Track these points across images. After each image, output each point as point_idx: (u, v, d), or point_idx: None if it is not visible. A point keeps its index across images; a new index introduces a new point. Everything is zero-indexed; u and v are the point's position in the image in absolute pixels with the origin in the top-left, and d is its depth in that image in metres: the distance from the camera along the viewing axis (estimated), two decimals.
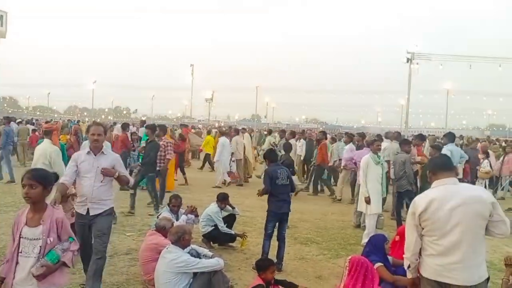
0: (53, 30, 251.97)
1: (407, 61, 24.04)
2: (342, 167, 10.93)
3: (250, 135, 16.18)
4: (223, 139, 12.88)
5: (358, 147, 10.67)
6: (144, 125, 12.09)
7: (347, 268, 4.26)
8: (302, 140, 14.05)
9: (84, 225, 4.49)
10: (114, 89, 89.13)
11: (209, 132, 16.91)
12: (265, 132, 21.45)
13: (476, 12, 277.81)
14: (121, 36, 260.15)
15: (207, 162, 16.16)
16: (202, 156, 17.38)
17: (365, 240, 6.95)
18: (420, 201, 3.10)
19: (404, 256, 3.24)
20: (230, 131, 14.39)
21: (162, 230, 5.11)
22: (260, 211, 9.11)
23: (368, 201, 7.19)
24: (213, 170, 14.53)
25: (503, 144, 15.56)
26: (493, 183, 12.12)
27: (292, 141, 12.88)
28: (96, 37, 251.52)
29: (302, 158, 13.53)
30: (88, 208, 4.42)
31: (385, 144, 9.72)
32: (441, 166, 3.13)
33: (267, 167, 6.34)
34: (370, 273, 4.00)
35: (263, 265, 4.39)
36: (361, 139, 11.62)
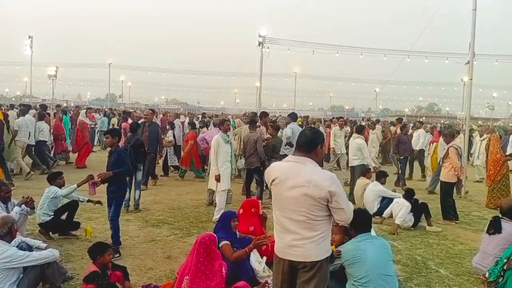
0: None
1: (259, 45, 25.16)
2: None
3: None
4: None
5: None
6: None
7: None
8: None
9: None
10: None
11: None
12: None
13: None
14: None
15: None
16: None
17: (216, 216, 7.18)
18: (271, 169, 3.17)
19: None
20: None
21: None
22: None
23: (218, 178, 7.40)
24: None
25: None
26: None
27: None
28: None
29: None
30: None
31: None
32: (299, 143, 3.14)
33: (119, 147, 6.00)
34: (211, 247, 4.10)
35: (100, 250, 4.16)
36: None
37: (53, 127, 13.01)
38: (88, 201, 6.36)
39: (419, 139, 13.00)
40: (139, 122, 10.48)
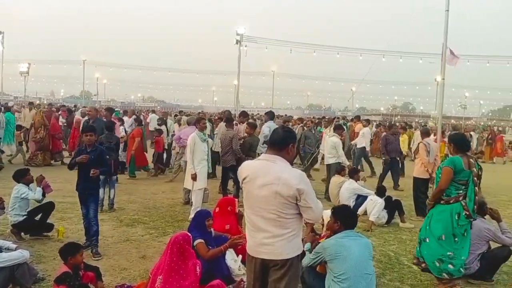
0: None
1: (237, 43, 25.13)
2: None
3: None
4: None
5: None
6: None
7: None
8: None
9: None
10: None
11: None
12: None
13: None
14: None
15: None
16: None
17: (192, 215, 7.13)
18: (243, 168, 3.19)
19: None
20: None
21: None
22: None
23: (194, 177, 7.35)
24: None
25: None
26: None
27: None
28: None
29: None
30: None
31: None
32: (271, 141, 3.15)
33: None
34: (185, 246, 4.07)
35: (71, 251, 4.08)
36: None
37: (50, 126, 12.78)
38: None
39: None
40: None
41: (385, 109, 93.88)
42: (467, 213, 4.60)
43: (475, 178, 4.67)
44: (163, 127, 12.37)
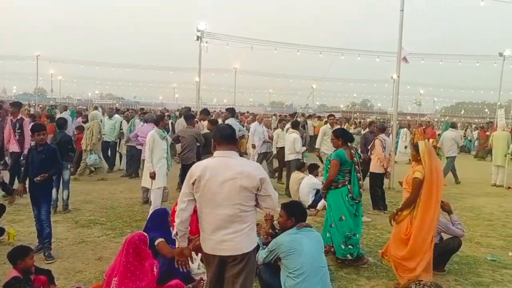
0: None
1: (197, 39, 24.79)
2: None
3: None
4: None
5: None
6: None
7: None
8: None
9: None
10: None
11: None
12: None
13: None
14: None
15: None
16: None
17: None
18: (196, 168, 3.12)
19: (174, 224, 3.32)
20: None
21: None
22: None
23: (153, 176, 7.21)
24: None
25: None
26: None
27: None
28: None
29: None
30: None
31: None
32: (223, 137, 3.16)
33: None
34: (141, 247, 3.99)
35: (20, 254, 3.92)
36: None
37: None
38: None
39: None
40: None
41: (344, 106, 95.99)
42: (351, 195, 5.42)
43: (357, 166, 5.54)
44: (87, 125, 11.50)
